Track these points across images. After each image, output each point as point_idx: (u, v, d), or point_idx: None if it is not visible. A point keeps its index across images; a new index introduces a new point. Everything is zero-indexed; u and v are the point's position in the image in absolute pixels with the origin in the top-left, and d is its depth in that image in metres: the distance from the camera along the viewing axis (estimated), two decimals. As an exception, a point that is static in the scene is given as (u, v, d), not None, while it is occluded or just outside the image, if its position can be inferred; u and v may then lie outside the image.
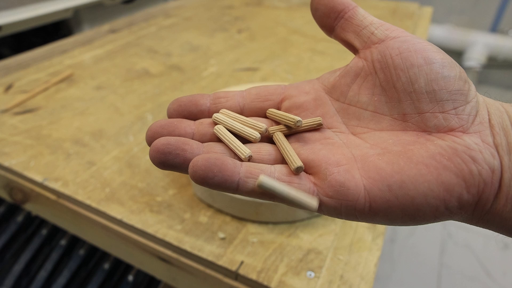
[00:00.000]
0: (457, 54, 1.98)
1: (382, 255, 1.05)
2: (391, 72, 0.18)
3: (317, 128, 0.20)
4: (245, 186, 0.17)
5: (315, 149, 0.19)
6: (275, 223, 0.35)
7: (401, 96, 0.18)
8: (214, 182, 0.16)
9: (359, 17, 0.20)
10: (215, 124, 0.20)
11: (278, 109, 0.21)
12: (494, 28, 1.90)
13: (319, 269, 0.31)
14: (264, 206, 0.34)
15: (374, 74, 0.19)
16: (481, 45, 1.86)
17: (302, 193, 0.17)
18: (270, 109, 0.21)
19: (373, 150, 0.18)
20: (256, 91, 0.22)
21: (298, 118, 0.19)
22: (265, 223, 0.35)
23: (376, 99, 0.19)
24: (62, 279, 0.46)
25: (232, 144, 0.18)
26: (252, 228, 0.35)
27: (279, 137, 0.19)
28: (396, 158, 0.17)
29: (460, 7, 1.93)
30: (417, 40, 0.18)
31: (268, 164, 0.19)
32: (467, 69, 1.89)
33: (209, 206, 0.37)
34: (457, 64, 0.18)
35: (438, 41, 1.94)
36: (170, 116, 0.21)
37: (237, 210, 0.35)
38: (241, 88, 0.47)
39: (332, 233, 0.35)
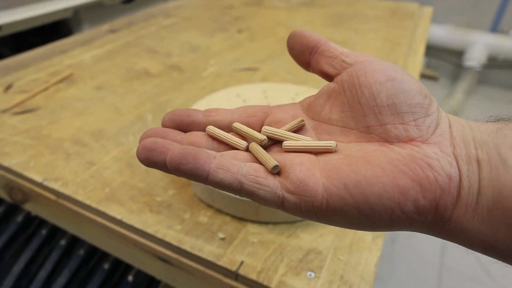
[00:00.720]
0: (457, 54, 1.98)
1: (383, 256, 1.05)
2: (357, 89, 0.20)
3: (301, 126, 0.22)
4: (215, 176, 0.18)
5: (284, 154, 0.20)
6: (275, 223, 0.35)
7: (365, 110, 0.19)
8: (186, 169, 0.18)
9: (331, 49, 0.22)
10: (209, 135, 0.22)
11: (262, 123, 0.23)
12: (494, 28, 1.90)
13: (319, 269, 0.31)
14: (264, 206, 0.34)
15: (342, 93, 0.21)
16: (481, 45, 1.85)
17: (318, 141, 0.20)
18: (235, 123, 0.22)
19: (337, 156, 0.19)
20: (243, 109, 0.24)
21: (264, 137, 0.21)
22: (265, 223, 0.35)
23: (344, 115, 0.21)
24: (62, 279, 0.46)
25: (261, 156, 0.20)
26: (252, 228, 0.35)
27: (255, 146, 0.21)
28: (355, 161, 0.18)
29: (460, 7, 1.93)
30: (381, 62, 0.20)
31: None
32: (467, 69, 1.89)
33: (209, 206, 0.37)
34: (419, 81, 0.19)
35: (438, 41, 1.94)
36: (164, 125, 0.23)
37: (237, 210, 0.35)
38: (241, 88, 0.47)
39: (332, 233, 0.35)
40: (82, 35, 0.80)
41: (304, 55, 0.23)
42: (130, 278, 0.47)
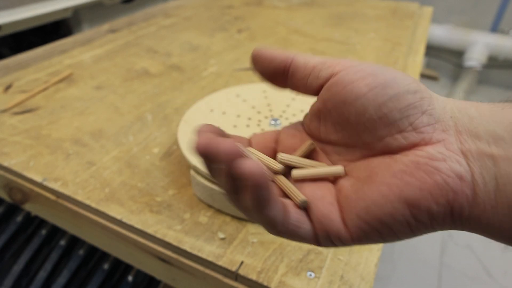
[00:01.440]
0: (457, 54, 1.98)
1: (383, 255, 1.05)
2: (342, 108, 0.18)
3: (311, 150, 0.21)
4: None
5: (304, 185, 0.19)
6: (275, 223, 0.35)
7: (358, 128, 0.18)
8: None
9: (301, 67, 0.20)
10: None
11: (275, 150, 0.22)
12: (495, 28, 1.90)
13: (319, 269, 0.31)
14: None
15: (329, 114, 0.19)
16: (481, 45, 1.85)
17: (327, 167, 0.19)
18: (250, 148, 0.21)
19: (348, 181, 0.18)
20: (257, 137, 0.22)
21: (281, 166, 0.20)
22: (265, 223, 0.35)
23: (341, 135, 0.19)
24: (61, 279, 0.46)
25: (288, 189, 0.19)
26: (252, 228, 0.35)
27: (280, 178, 0.20)
28: (361, 184, 0.17)
29: (460, 7, 1.93)
30: (358, 67, 0.18)
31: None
32: (467, 69, 1.89)
33: (209, 206, 0.37)
34: (404, 75, 0.18)
35: (438, 41, 1.94)
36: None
37: (237, 210, 0.35)
38: (241, 88, 0.47)
39: (332, 233, 0.34)
40: (82, 35, 0.80)
41: (277, 81, 0.21)
42: (130, 278, 0.47)
